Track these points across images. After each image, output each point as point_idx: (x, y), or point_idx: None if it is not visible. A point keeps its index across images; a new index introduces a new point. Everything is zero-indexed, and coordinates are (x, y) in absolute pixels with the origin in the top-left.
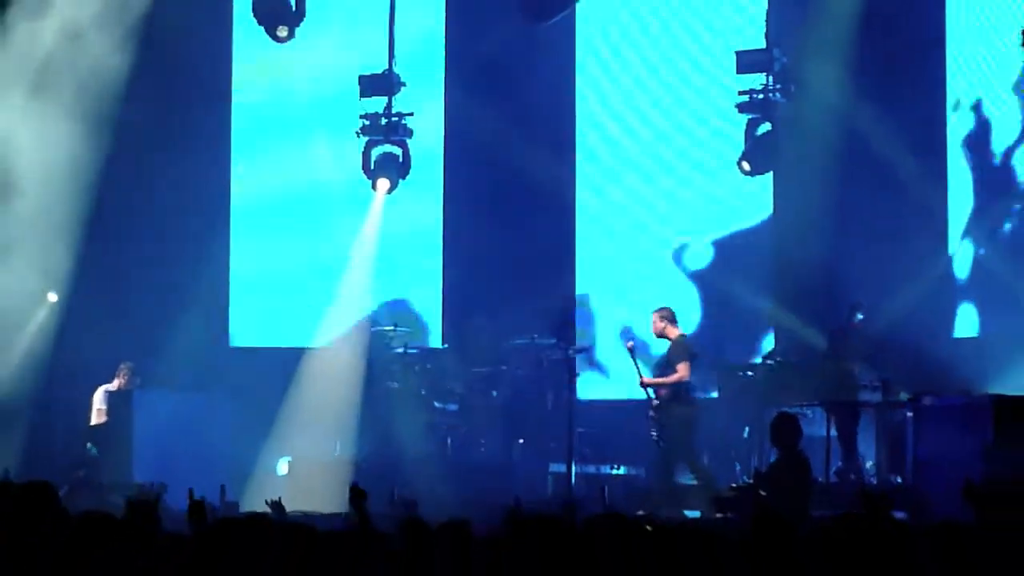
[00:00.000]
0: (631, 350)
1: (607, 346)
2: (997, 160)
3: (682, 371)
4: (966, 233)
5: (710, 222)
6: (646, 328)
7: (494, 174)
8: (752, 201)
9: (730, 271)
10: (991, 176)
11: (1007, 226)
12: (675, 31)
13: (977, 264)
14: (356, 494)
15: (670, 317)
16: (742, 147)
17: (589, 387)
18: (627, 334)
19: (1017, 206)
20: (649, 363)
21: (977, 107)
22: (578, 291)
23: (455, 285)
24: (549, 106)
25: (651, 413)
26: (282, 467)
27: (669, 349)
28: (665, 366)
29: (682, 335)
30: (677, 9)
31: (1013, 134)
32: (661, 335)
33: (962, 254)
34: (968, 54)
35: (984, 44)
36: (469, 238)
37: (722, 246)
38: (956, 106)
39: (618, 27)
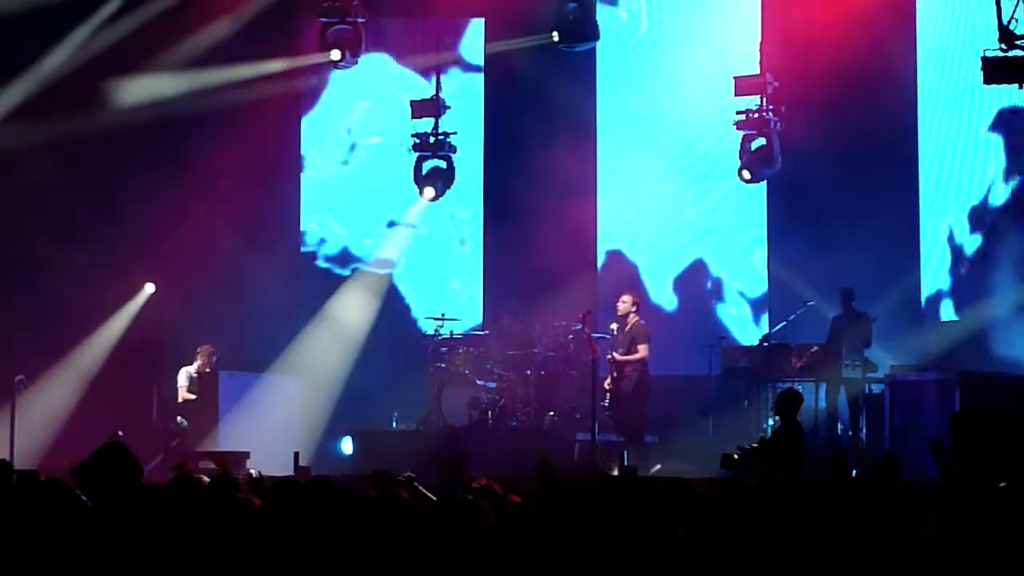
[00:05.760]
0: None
1: None
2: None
3: (644, 351)
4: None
5: (709, 223)
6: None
7: (527, 179)
8: (746, 205)
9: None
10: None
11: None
12: (680, 57)
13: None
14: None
15: (639, 304)
16: (736, 160)
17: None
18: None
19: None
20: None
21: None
22: (599, 283)
23: (493, 278)
24: (573, 122)
25: (608, 385)
26: (346, 446)
27: (633, 331)
28: (629, 345)
29: (644, 322)
30: (681, 39)
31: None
32: (624, 316)
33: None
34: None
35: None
36: (505, 236)
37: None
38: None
39: (633, 54)
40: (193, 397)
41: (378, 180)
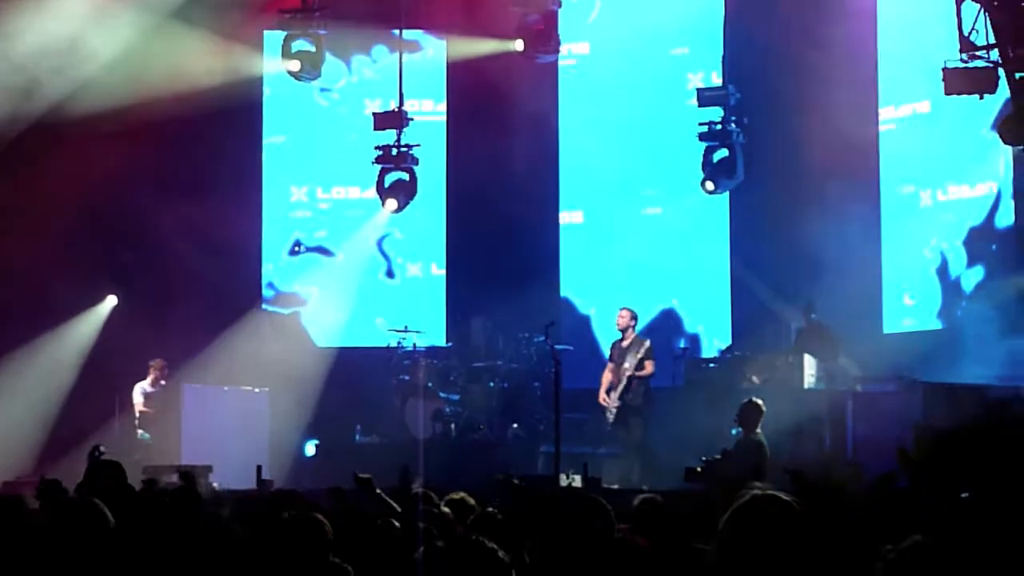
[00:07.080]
0: None
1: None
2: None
3: (650, 368)
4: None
5: (673, 233)
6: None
7: (490, 195)
8: (709, 215)
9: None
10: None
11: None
12: (642, 72)
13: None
14: (362, 482)
15: (636, 318)
16: (699, 171)
17: (572, 378)
18: None
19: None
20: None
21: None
22: (561, 295)
23: (457, 291)
24: (535, 135)
25: (616, 403)
26: (309, 448)
27: (639, 347)
28: (636, 360)
29: (645, 338)
30: (645, 53)
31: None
32: (624, 331)
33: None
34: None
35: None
36: (468, 249)
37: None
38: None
39: (595, 66)
40: (150, 411)
41: None
